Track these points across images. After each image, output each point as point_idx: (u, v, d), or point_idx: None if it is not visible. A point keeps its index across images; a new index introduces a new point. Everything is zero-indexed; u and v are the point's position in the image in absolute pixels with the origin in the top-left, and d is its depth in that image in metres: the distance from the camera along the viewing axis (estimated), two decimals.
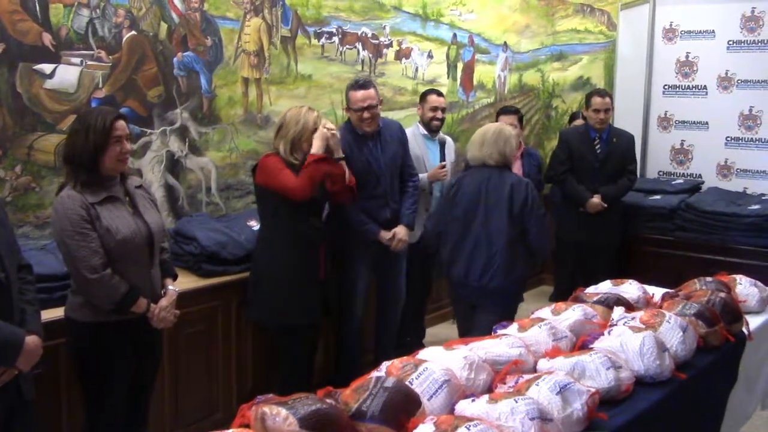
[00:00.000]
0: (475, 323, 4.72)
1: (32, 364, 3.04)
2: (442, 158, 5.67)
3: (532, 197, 4.74)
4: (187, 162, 5.07)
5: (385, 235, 5.05)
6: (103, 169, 3.43)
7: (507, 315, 4.48)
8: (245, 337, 4.79)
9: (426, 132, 5.79)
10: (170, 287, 3.78)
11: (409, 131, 5.57)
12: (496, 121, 5.94)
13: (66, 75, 4.40)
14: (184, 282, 4.38)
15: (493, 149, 4.80)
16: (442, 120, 5.87)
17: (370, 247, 5.10)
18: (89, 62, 4.50)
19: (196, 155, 5.10)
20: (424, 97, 5.87)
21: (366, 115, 4.96)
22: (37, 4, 4.25)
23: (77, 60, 4.45)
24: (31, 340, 3.02)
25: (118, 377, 3.58)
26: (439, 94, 5.90)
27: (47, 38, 4.30)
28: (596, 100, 6.54)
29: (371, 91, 4.97)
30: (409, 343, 5.69)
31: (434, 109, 5.74)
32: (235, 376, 4.75)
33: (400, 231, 5.10)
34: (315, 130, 4.43)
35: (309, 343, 4.72)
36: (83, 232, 3.35)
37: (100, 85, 4.56)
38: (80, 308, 3.50)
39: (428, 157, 5.71)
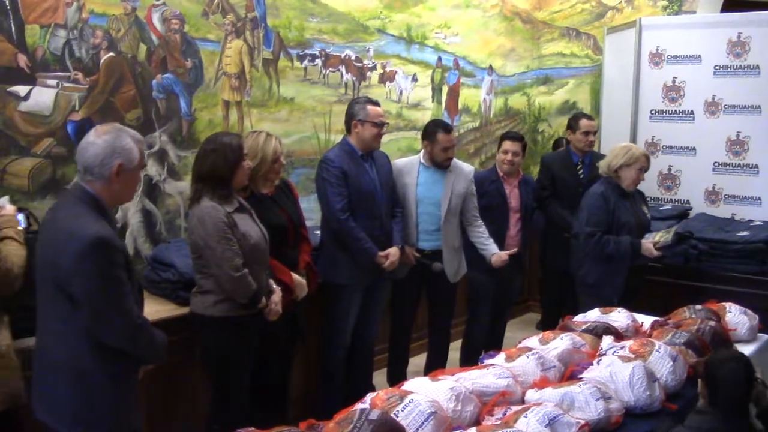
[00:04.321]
0: None
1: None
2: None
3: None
4: (165, 186, 4.97)
5: (381, 254, 4.97)
6: (235, 183, 3.99)
7: None
8: None
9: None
10: (274, 285, 4.18)
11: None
12: (500, 146, 5.81)
13: (41, 97, 4.31)
14: (162, 310, 4.29)
15: (605, 160, 5.52)
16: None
17: (363, 273, 5.00)
18: (65, 84, 4.42)
19: (175, 179, 5.01)
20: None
21: (384, 130, 5.02)
22: (12, 25, 4.17)
23: (53, 82, 4.37)
24: None
25: (246, 363, 4.10)
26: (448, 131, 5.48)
27: (22, 59, 4.22)
28: (585, 123, 6.50)
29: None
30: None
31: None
32: None
33: (394, 252, 5.04)
34: (275, 160, 4.38)
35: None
36: (228, 237, 3.85)
37: (77, 108, 4.47)
38: (214, 305, 3.95)
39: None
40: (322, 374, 5.17)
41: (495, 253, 5.54)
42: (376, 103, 5.04)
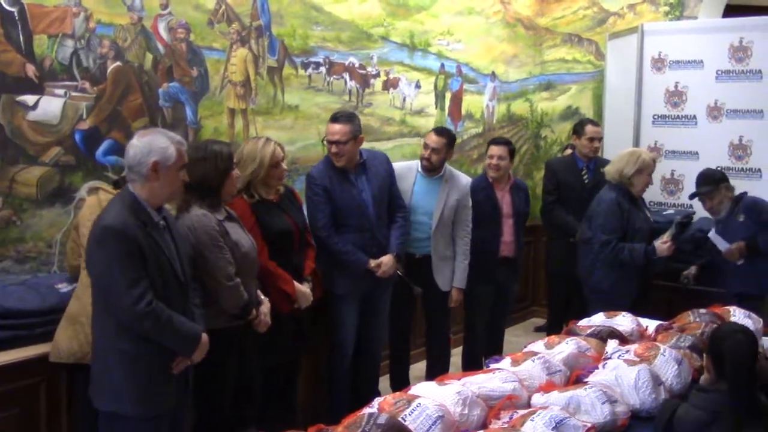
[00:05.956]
0: None
1: (201, 357, 3.46)
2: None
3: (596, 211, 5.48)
4: None
5: (373, 262, 4.93)
6: (224, 192, 3.93)
7: None
8: None
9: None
10: (262, 296, 4.15)
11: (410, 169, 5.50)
12: (486, 151, 5.82)
13: (49, 106, 4.34)
14: None
15: (613, 167, 5.51)
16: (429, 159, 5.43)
17: (360, 283, 4.98)
18: (73, 93, 4.45)
19: None
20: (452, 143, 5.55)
21: (333, 149, 4.83)
22: (20, 35, 4.20)
23: (61, 91, 4.39)
24: (204, 336, 3.45)
25: (230, 374, 4.00)
26: (437, 132, 5.48)
27: (31, 69, 4.24)
28: (591, 129, 6.54)
29: (342, 126, 4.80)
30: None
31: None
32: None
33: (387, 260, 4.99)
34: (274, 164, 4.36)
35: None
36: (220, 245, 3.80)
37: (84, 117, 4.50)
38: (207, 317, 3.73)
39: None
40: (328, 383, 5.17)
41: (455, 288, 5.53)
42: (335, 120, 4.86)
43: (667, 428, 3.08)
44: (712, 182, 5.61)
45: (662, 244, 5.36)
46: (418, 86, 6.97)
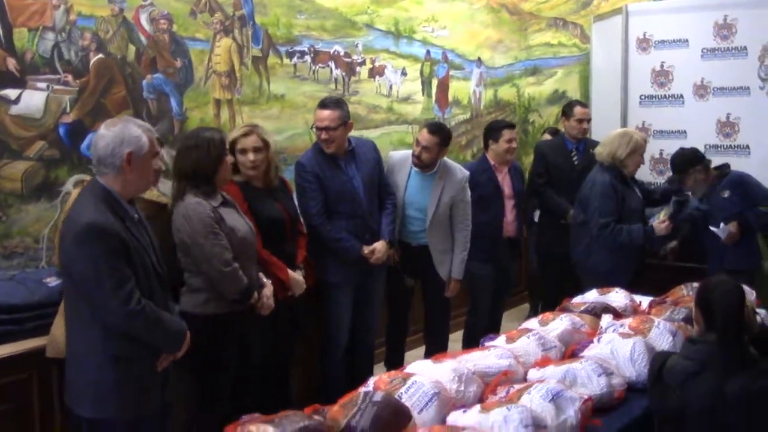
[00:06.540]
0: None
1: (183, 351, 3.39)
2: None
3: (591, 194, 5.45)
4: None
5: (366, 249, 4.91)
6: (217, 179, 3.91)
7: None
8: None
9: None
10: (264, 279, 4.16)
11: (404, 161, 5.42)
12: (497, 137, 5.72)
13: (32, 100, 4.30)
14: None
15: (605, 149, 5.50)
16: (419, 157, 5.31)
17: (353, 272, 4.97)
18: (56, 87, 4.40)
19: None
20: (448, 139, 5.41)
21: (323, 136, 4.81)
22: (0, 29, 4.15)
23: (43, 85, 4.35)
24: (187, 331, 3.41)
25: (232, 360, 4.02)
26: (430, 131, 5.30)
27: (11, 63, 4.20)
28: (580, 110, 6.56)
29: (331, 112, 4.78)
30: None
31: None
32: None
33: (380, 246, 4.97)
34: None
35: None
36: (215, 232, 3.79)
37: (68, 110, 4.46)
38: (205, 303, 3.88)
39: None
40: (322, 373, 5.15)
41: (454, 280, 5.47)
42: (323, 106, 4.84)
43: (657, 378, 3.08)
44: (678, 170, 5.75)
45: (660, 223, 5.37)
46: (404, 73, 6.93)
